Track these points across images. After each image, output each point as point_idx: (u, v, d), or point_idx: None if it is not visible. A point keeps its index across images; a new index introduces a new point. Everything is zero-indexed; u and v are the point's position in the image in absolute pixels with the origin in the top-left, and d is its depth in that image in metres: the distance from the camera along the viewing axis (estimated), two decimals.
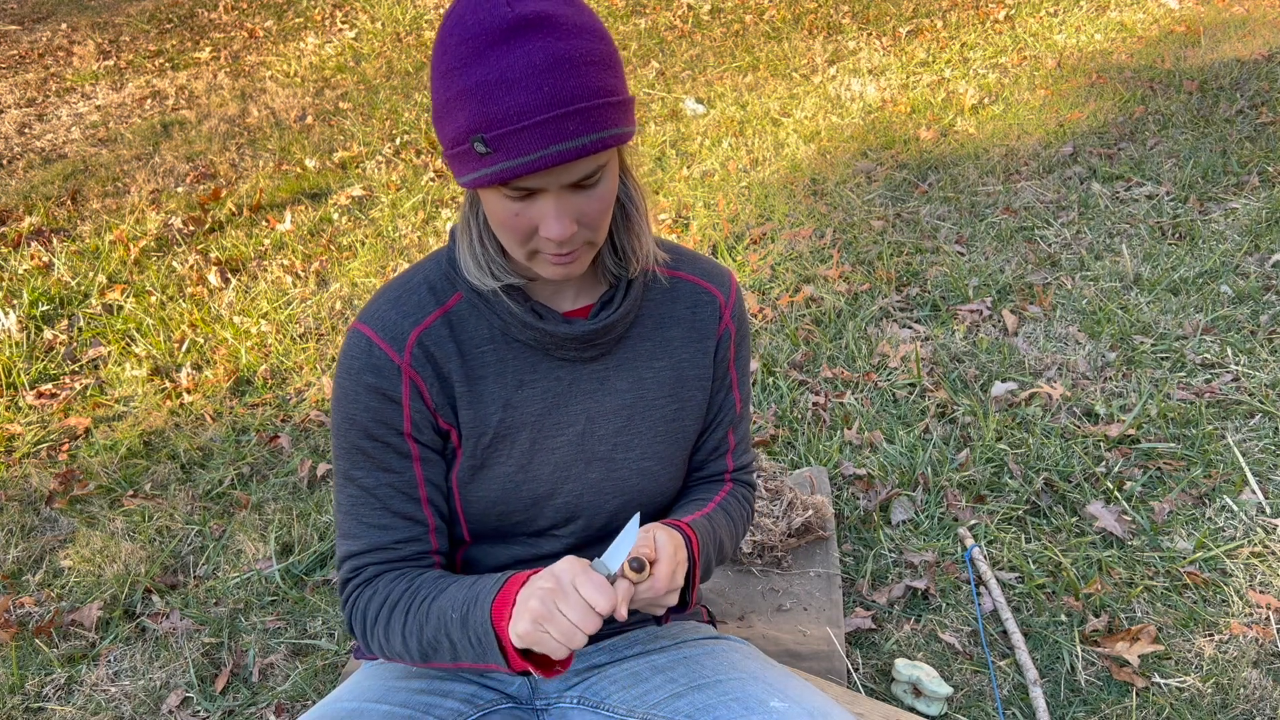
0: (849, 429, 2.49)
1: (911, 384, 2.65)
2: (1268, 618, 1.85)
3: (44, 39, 7.30)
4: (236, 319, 3.35)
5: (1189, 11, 5.52)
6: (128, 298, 3.53)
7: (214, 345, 3.20)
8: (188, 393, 2.96)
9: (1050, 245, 3.31)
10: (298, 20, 7.28)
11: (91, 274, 3.71)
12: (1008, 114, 4.44)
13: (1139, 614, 1.90)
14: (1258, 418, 2.39)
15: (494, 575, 1.02)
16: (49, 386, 3.05)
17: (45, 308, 3.47)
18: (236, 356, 3.11)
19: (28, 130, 5.54)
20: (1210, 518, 2.11)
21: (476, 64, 0.87)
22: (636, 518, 0.96)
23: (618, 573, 0.93)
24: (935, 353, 2.77)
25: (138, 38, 7.20)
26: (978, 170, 3.90)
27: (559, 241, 0.95)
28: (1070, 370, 2.64)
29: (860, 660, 1.85)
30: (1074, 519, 2.14)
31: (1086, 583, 1.97)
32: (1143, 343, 2.71)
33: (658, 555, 0.99)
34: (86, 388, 3.04)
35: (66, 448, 2.75)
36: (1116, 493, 2.19)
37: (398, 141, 4.92)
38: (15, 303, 3.47)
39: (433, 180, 4.42)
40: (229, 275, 3.68)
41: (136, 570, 2.25)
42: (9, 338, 3.27)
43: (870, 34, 5.81)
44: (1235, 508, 2.12)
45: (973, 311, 2.96)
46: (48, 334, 3.32)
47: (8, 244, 4.02)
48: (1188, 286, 2.96)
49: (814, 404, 2.60)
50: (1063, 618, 1.90)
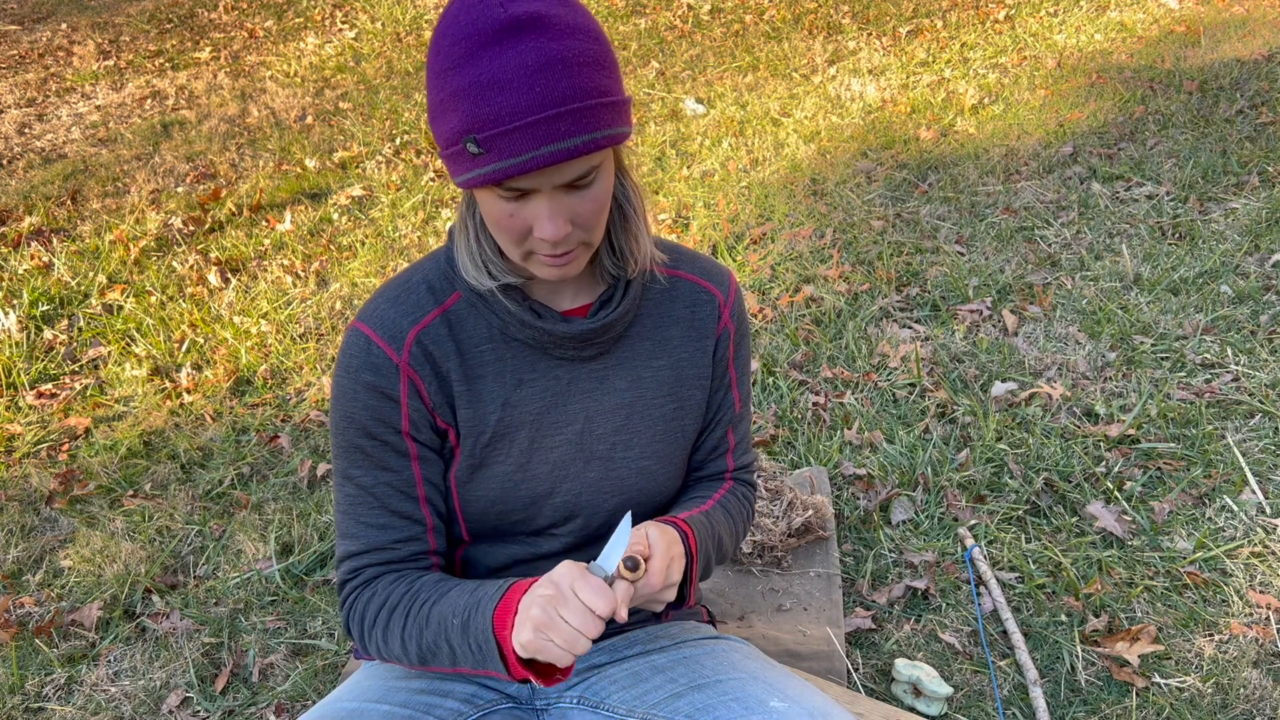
0: (849, 429, 2.49)
1: (911, 384, 2.65)
2: (1268, 618, 1.85)
3: (44, 39, 7.30)
4: (236, 319, 3.35)
5: (1189, 11, 5.52)
6: (128, 298, 3.53)
7: (214, 345, 3.20)
8: (188, 393, 2.96)
9: (1050, 245, 3.31)
10: (298, 20, 7.28)
11: (91, 274, 3.71)
12: (1008, 114, 4.44)
13: (1139, 614, 1.90)
14: (1258, 418, 2.39)
15: (495, 582, 1.02)
16: (49, 386, 3.05)
17: (45, 308, 3.47)
18: (236, 356, 3.11)
19: (28, 130, 5.54)
20: (1210, 518, 2.11)
21: (469, 64, 0.87)
22: (628, 517, 0.96)
23: (615, 574, 0.93)
24: (935, 353, 2.77)
25: (138, 38, 7.20)
26: (978, 170, 3.90)
27: (553, 242, 0.95)
28: (1070, 370, 2.64)
29: (860, 660, 1.85)
30: (1074, 519, 2.14)
31: (1086, 583, 1.97)
32: (1143, 343, 2.71)
33: (651, 552, 0.99)
34: (86, 388, 3.04)
35: (66, 448, 2.75)
36: (1116, 493, 2.19)
37: (398, 141, 4.93)
38: (15, 303, 3.47)
39: (433, 180, 4.42)
40: (229, 275, 3.68)
41: (136, 570, 2.25)
42: (9, 338, 3.27)
43: (870, 34, 5.81)
44: (1235, 508, 2.12)
45: (973, 311, 2.96)
46: (48, 334, 3.32)
47: (8, 244, 4.02)
48: (1188, 286, 2.96)
49: (814, 404, 2.60)
50: (1063, 618, 1.90)
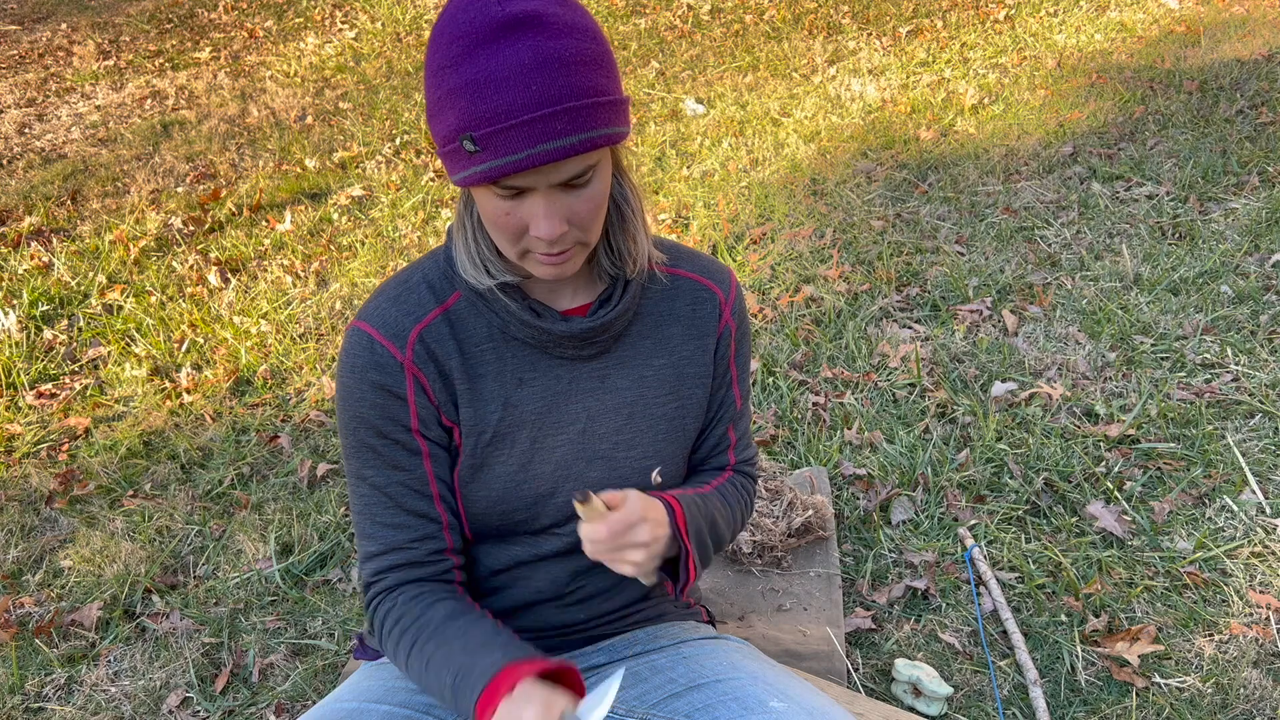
0: (849, 429, 2.49)
1: (911, 384, 2.65)
2: (1268, 618, 1.85)
3: (44, 39, 7.30)
4: (236, 319, 3.35)
5: (1189, 11, 5.52)
6: (128, 298, 3.53)
7: (214, 345, 3.20)
8: (188, 393, 2.96)
9: (1050, 245, 3.31)
10: (298, 20, 7.28)
11: (91, 274, 3.71)
12: (1008, 114, 4.44)
13: (1139, 614, 1.90)
14: (1258, 418, 2.39)
15: (489, 653, 0.98)
16: (49, 386, 3.05)
17: (45, 308, 3.47)
18: (236, 356, 3.11)
19: (28, 130, 5.54)
20: (1210, 518, 2.11)
21: (466, 62, 0.87)
22: (621, 671, 0.93)
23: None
24: (935, 353, 2.77)
25: (138, 38, 7.20)
26: (978, 170, 3.90)
27: (549, 241, 0.95)
28: (1070, 370, 2.64)
29: (860, 660, 1.85)
30: (1074, 519, 2.14)
31: (1086, 583, 1.97)
32: (1143, 343, 2.71)
33: (622, 508, 0.99)
34: (86, 388, 3.04)
35: (66, 448, 2.75)
36: (1116, 493, 2.19)
37: (398, 141, 4.93)
38: (15, 303, 3.47)
39: (432, 180, 4.42)
40: (229, 275, 3.68)
41: (136, 570, 2.25)
42: (9, 338, 3.27)
43: (870, 34, 5.81)
44: (1235, 508, 2.12)
45: (973, 311, 2.96)
46: (48, 334, 3.32)
47: (8, 244, 4.02)
48: (1188, 286, 2.96)
49: (814, 404, 2.60)
50: (1063, 618, 1.90)
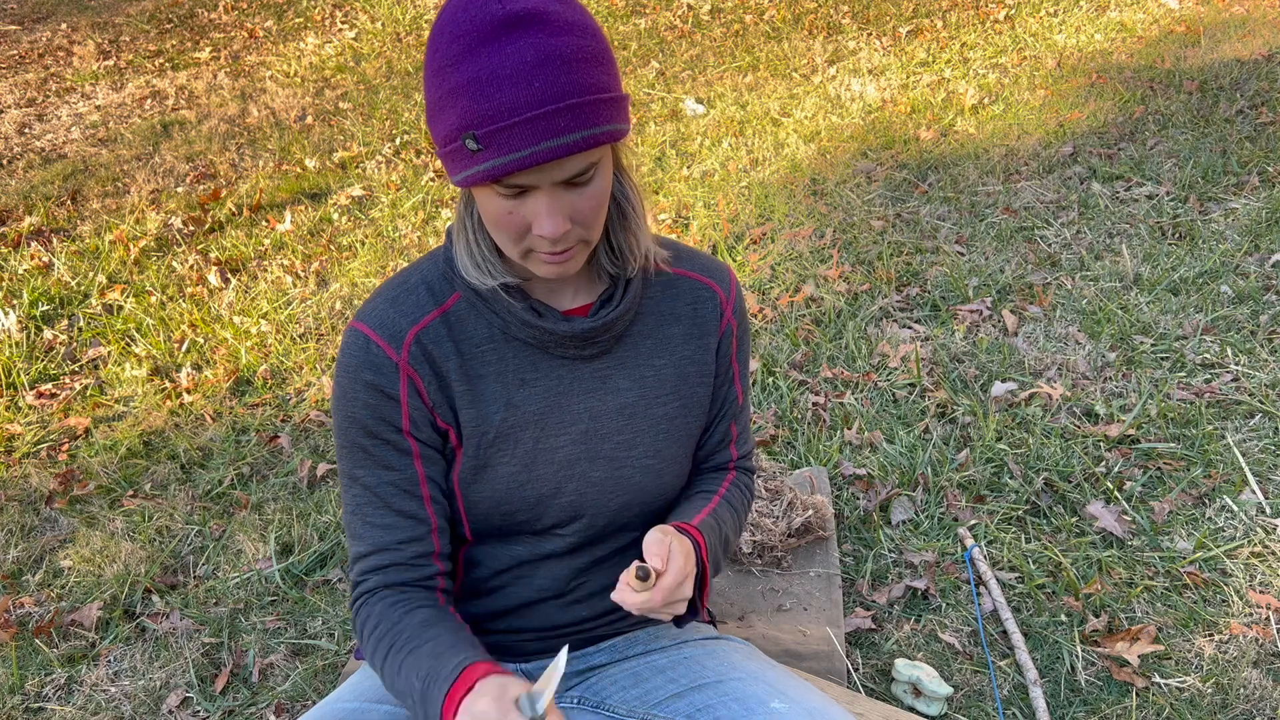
0: (849, 429, 2.49)
1: (911, 384, 2.65)
2: (1268, 618, 1.85)
3: (44, 39, 7.30)
4: (236, 319, 3.35)
5: (1189, 11, 5.52)
6: (128, 298, 3.53)
7: (214, 345, 3.20)
8: (188, 393, 2.96)
9: (1050, 245, 3.31)
10: (298, 20, 7.28)
11: (91, 274, 3.71)
12: (1008, 114, 4.44)
13: (1139, 614, 1.90)
14: (1258, 418, 2.39)
15: (454, 656, 0.98)
16: (49, 386, 3.05)
17: (45, 308, 3.47)
18: (236, 356, 3.11)
19: (28, 130, 5.54)
20: (1210, 518, 2.11)
21: (467, 61, 0.87)
22: (565, 650, 0.92)
23: (544, 714, 0.89)
24: (935, 353, 2.77)
25: (138, 38, 7.20)
26: (978, 170, 3.90)
27: (552, 239, 0.94)
28: (1070, 370, 2.64)
29: (860, 660, 1.85)
30: (1074, 519, 2.14)
31: (1086, 583, 1.97)
32: (1143, 343, 2.71)
33: (669, 567, 0.98)
34: (86, 388, 3.04)
35: (66, 448, 2.75)
36: (1116, 493, 2.19)
37: (398, 141, 4.93)
38: (15, 303, 3.47)
39: (433, 180, 4.42)
40: (229, 275, 3.68)
41: (136, 570, 2.25)
42: (9, 338, 3.27)
43: (870, 34, 5.81)
44: (1235, 508, 2.12)
45: (973, 311, 2.96)
46: (48, 334, 3.32)
47: (8, 244, 4.02)
48: (1188, 286, 2.96)
49: (814, 404, 2.60)
50: (1063, 618, 1.90)
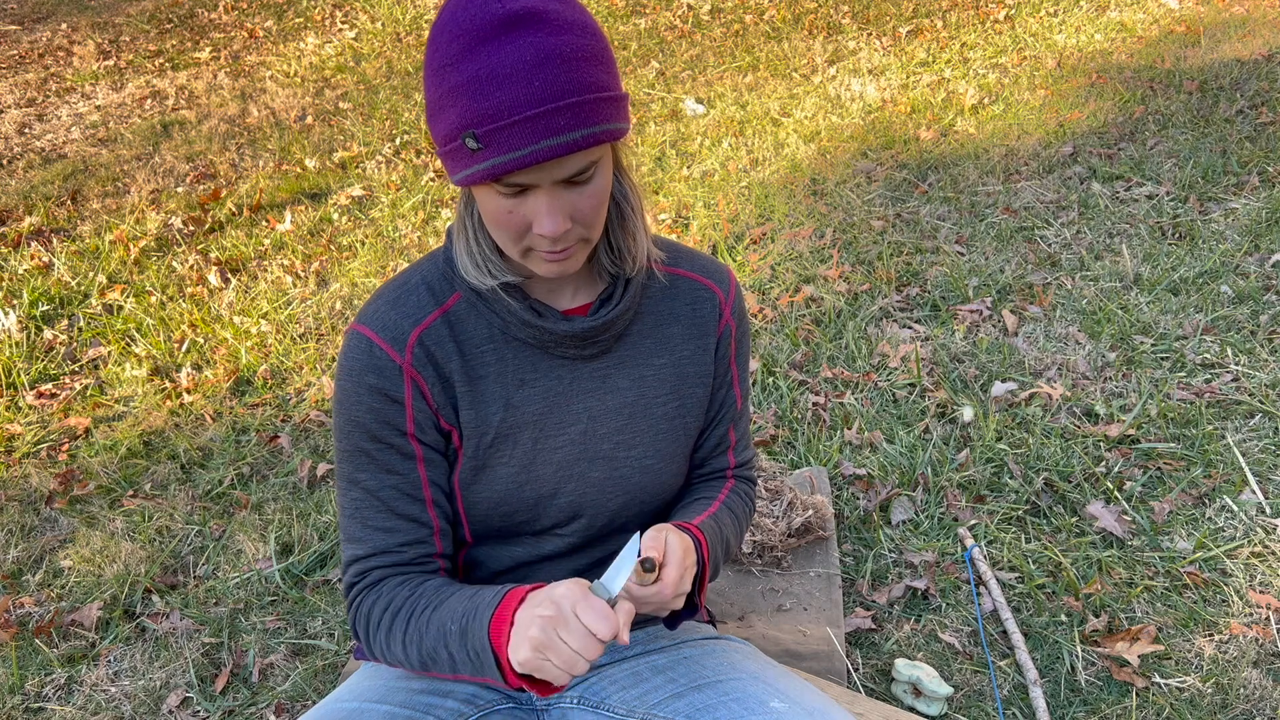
0: (849, 429, 2.49)
1: (911, 384, 2.65)
2: (1268, 618, 1.85)
3: (44, 39, 7.30)
4: (236, 319, 3.35)
5: (1189, 11, 5.52)
6: (128, 298, 3.53)
7: (214, 345, 3.20)
8: (188, 393, 2.96)
9: (1050, 245, 3.31)
10: (298, 20, 7.28)
11: (91, 274, 3.71)
12: (1008, 114, 4.44)
13: (1139, 614, 1.90)
14: (1258, 418, 2.39)
15: (493, 589, 1.01)
16: (49, 386, 3.05)
17: (45, 308, 3.47)
18: (236, 356, 3.11)
19: (28, 130, 5.54)
20: (1210, 518, 2.11)
21: (467, 60, 0.87)
22: (637, 536, 0.94)
23: (618, 595, 0.92)
24: (935, 353, 2.77)
25: (138, 38, 7.19)
26: (978, 170, 3.90)
27: (552, 238, 0.94)
28: (1070, 370, 2.64)
29: (860, 660, 1.85)
30: (1074, 519, 2.14)
31: (1086, 583, 1.97)
32: (1143, 343, 2.71)
33: (667, 559, 0.98)
34: (86, 388, 3.04)
35: (66, 448, 2.75)
36: (1116, 493, 2.19)
37: (398, 141, 4.92)
38: (15, 303, 3.47)
39: (433, 180, 4.42)
40: (229, 275, 3.68)
41: (136, 570, 2.25)
42: (9, 338, 3.27)
43: (870, 34, 5.81)
44: (1235, 508, 2.12)
45: (973, 311, 2.96)
46: (48, 334, 3.32)
47: (8, 244, 4.02)
48: (1188, 286, 2.96)
49: (814, 404, 2.60)
50: (1063, 618, 1.90)
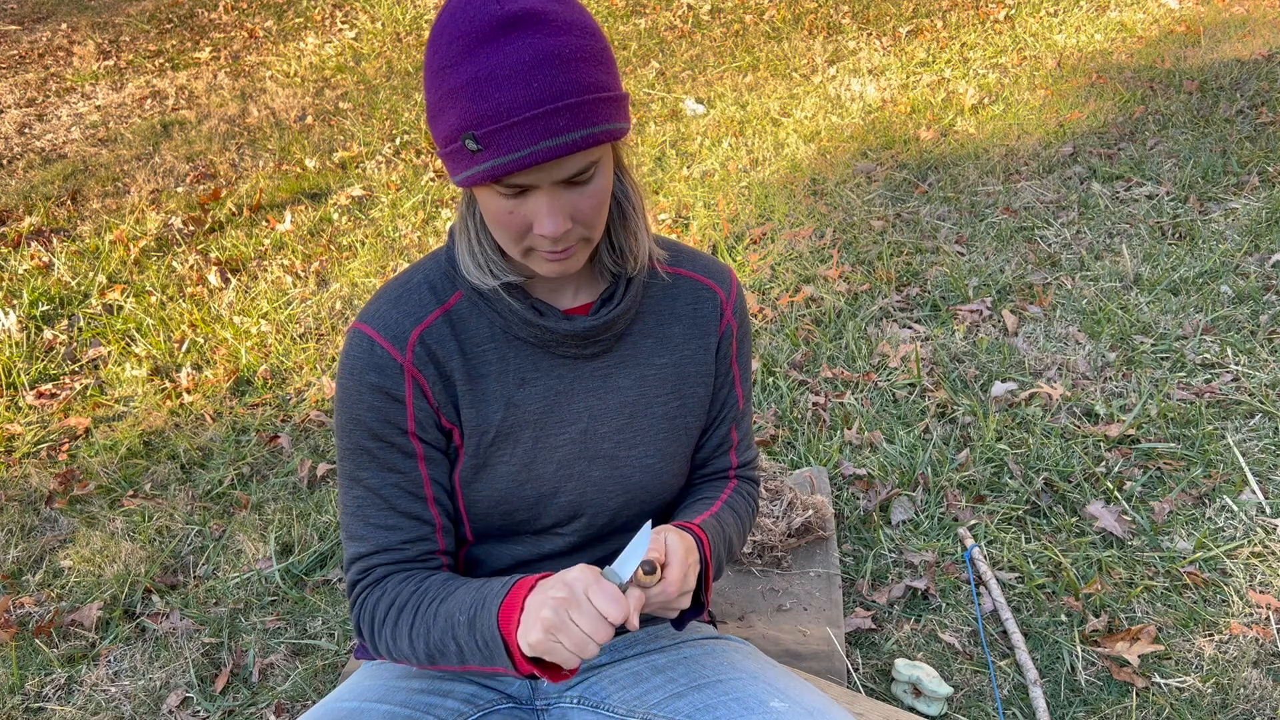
0: (849, 429, 2.49)
1: (911, 384, 2.65)
2: (1268, 618, 1.85)
3: (44, 39, 7.30)
4: (236, 319, 3.35)
5: (1189, 11, 5.52)
6: (128, 298, 3.53)
7: (214, 345, 3.20)
8: (188, 393, 2.96)
9: (1050, 245, 3.31)
10: (298, 20, 7.28)
11: (91, 274, 3.71)
12: (1008, 114, 4.44)
13: (1139, 614, 1.90)
14: (1258, 418, 2.39)
15: (501, 579, 1.01)
16: (49, 386, 3.05)
17: (45, 308, 3.47)
18: (236, 356, 3.11)
19: (28, 130, 5.54)
20: (1210, 518, 2.11)
21: (466, 62, 0.87)
22: (649, 525, 0.95)
23: (630, 581, 0.92)
24: (935, 353, 2.77)
25: (138, 38, 7.19)
26: (978, 170, 3.90)
27: (553, 238, 0.95)
28: (1070, 370, 2.64)
29: (860, 660, 1.85)
30: (1074, 519, 2.14)
31: (1086, 583, 1.97)
32: (1143, 343, 2.71)
33: (669, 559, 0.98)
34: (86, 388, 3.04)
35: (66, 448, 2.75)
36: (1116, 493, 2.19)
37: (398, 141, 4.93)
38: (15, 303, 3.47)
39: (433, 180, 4.42)
40: (229, 275, 3.68)
41: (136, 570, 2.25)
42: (9, 338, 3.27)
43: (870, 34, 5.81)
44: (1235, 508, 2.12)
45: (973, 311, 2.96)
46: (48, 334, 3.32)
47: (8, 244, 4.02)
48: (1188, 286, 2.96)
49: (814, 404, 2.60)
50: (1063, 618, 1.90)
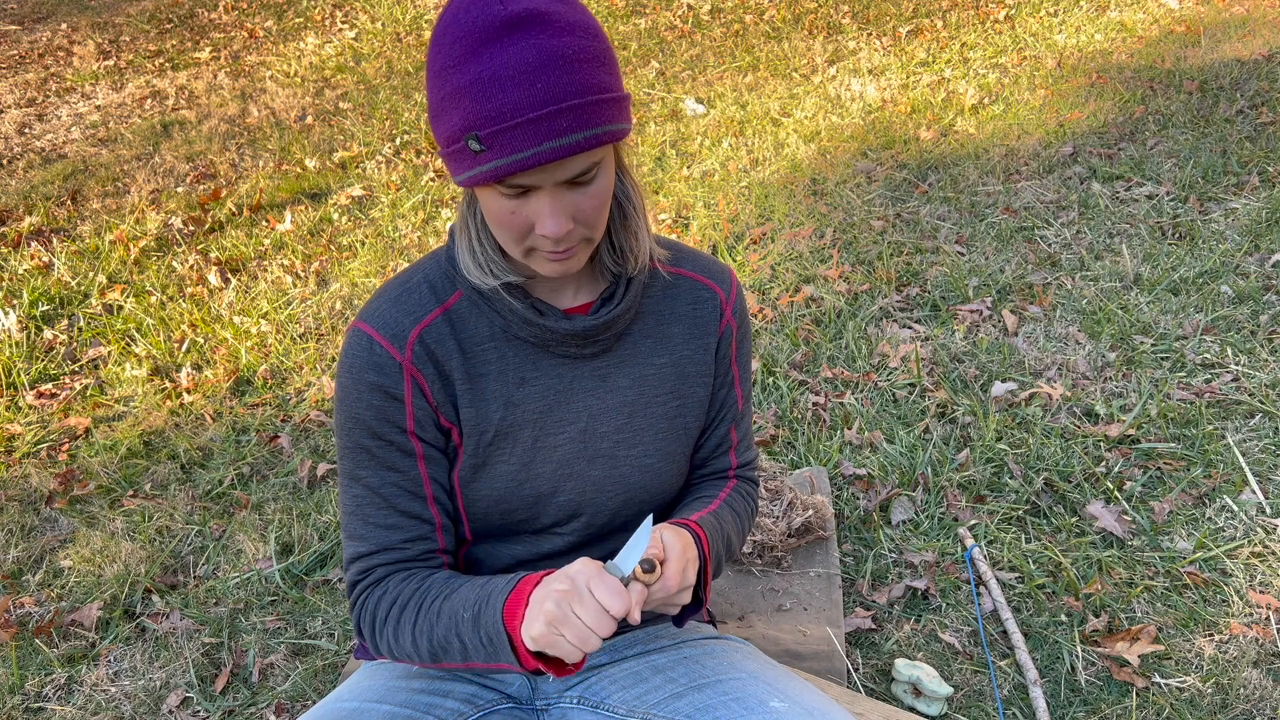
0: (849, 429, 2.49)
1: (911, 384, 2.65)
2: (1268, 618, 1.85)
3: (44, 39, 7.30)
4: (236, 319, 3.35)
5: (1189, 11, 5.52)
6: (128, 298, 3.53)
7: (214, 345, 3.20)
8: (188, 393, 2.96)
9: (1050, 245, 3.31)
10: (298, 20, 7.28)
11: (91, 274, 3.71)
12: (1008, 114, 4.44)
13: (1139, 614, 1.90)
14: (1258, 418, 2.39)
15: (506, 575, 1.02)
16: (49, 386, 3.05)
17: (45, 308, 3.47)
18: (236, 356, 3.11)
19: (28, 130, 5.54)
20: (1210, 518, 2.11)
21: (470, 62, 0.87)
22: (649, 519, 0.95)
23: (631, 575, 0.93)
24: (935, 353, 2.77)
25: (138, 38, 7.19)
26: (978, 170, 3.90)
27: (554, 239, 0.95)
28: (1070, 370, 2.64)
29: (860, 660, 1.85)
30: (1074, 519, 2.14)
31: (1086, 583, 1.97)
32: (1143, 343, 2.71)
33: (666, 555, 0.99)
34: (86, 388, 3.04)
35: (66, 448, 2.75)
36: (1116, 493, 2.19)
37: (398, 141, 4.93)
38: (15, 303, 3.47)
39: (433, 180, 4.42)
40: (229, 275, 3.68)
41: (136, 570, 2.25)
42: (9, 338, 3.27)
43: (870, 34, 5.81)
44: (1235, 508, 2.12)
45: (973, 311, 2.96)
46: (48, 334, 3.32)
47: (8, 244, 4.02)
48: (1188, 286, 2.96)
49: (814, 404, 2.60)
50: (1063, 618, 1.90)
